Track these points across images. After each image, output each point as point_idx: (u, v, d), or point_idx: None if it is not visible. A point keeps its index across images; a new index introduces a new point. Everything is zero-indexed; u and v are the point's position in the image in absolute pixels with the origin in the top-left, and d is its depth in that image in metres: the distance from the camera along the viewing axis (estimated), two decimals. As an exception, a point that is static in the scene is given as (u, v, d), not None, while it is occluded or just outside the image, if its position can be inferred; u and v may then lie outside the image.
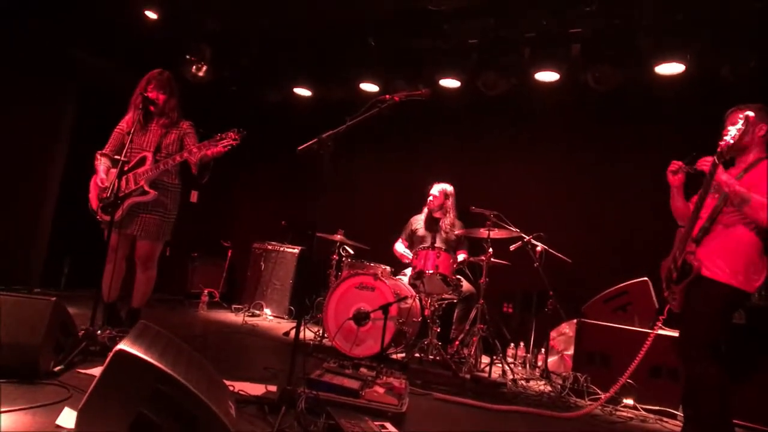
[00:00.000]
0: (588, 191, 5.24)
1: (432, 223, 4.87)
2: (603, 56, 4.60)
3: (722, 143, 2.52)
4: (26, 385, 2.18)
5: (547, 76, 4.89)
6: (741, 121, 2.48)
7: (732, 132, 2.49)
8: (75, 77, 5.28)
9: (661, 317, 2.87)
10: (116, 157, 3.39)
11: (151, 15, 5.06)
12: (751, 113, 2.47)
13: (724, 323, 2.62)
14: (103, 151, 3.53)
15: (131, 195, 3.38)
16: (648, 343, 3.01)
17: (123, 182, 3.33)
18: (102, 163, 3.48)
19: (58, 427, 1.81)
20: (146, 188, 3.38)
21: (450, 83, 5.26)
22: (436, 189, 4.85)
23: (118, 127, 3.60)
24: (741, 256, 2.57)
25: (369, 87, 5.62)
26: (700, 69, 4.36)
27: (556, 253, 4.39)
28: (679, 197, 2.83)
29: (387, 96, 2.73)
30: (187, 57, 5.59)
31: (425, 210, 4.94)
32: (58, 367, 2.43)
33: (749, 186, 2.55)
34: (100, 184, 3.41)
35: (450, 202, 4.86)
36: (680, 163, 2.74)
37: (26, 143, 4.90)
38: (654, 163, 4.62)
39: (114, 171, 3.43)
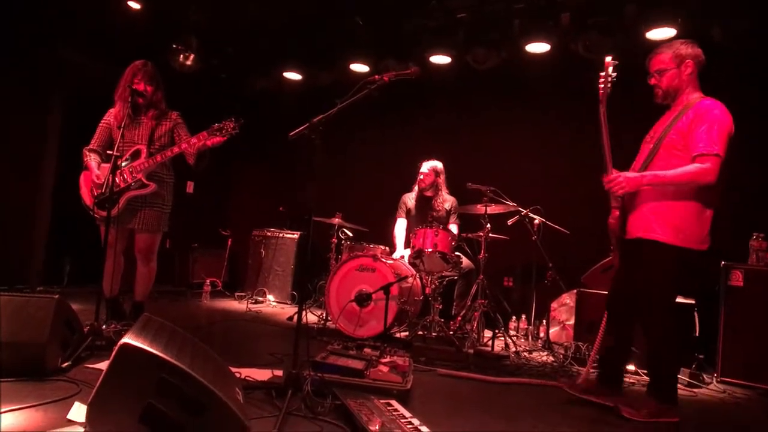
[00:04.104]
0: (583, 161, 5.21)
1: (424, 202, 4.88)
2: (593, 24, 4.56)
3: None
4: (35, 383, 2.21)
5: (537, 48, 4.83)
6: (610, 68, 2.54)
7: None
8: (61, 74, 5.21)
9: None
10: (108, 152, 3.35)
11: (134, 5, 4.98)
12: (608, 58, 2.56)
13: (675, 283, 2.57)
14: (91, 147, 3.49)
15: (129, 189, 3.36)
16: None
17: (118, 177, 3.32)
18: (92, 159, 3.43)
19: (70, 421, 1.84)
20: (145, 181, 3.38)
21: (440, 59, 5.21)
22: (426, 167, 4.83)
23: (103, 120, 3.54)
24: (678, 212, 2.49)
25: (359, 68, 5.56)
26: (691, 32, 4.32)
27: (554, 225, 4.41)
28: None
29: (376, 77, 2.70)
30: (174, 46, 5.52)
31: (415, 188, 4.94)
32: (66, 364, 2.46)
33: (678, 137, 2.52)
34: (96, 180, 3.37)
35: (441, 179, 4.85)
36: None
37: (17, 143, 4.87)
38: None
39: (105, 166, 3.40)
